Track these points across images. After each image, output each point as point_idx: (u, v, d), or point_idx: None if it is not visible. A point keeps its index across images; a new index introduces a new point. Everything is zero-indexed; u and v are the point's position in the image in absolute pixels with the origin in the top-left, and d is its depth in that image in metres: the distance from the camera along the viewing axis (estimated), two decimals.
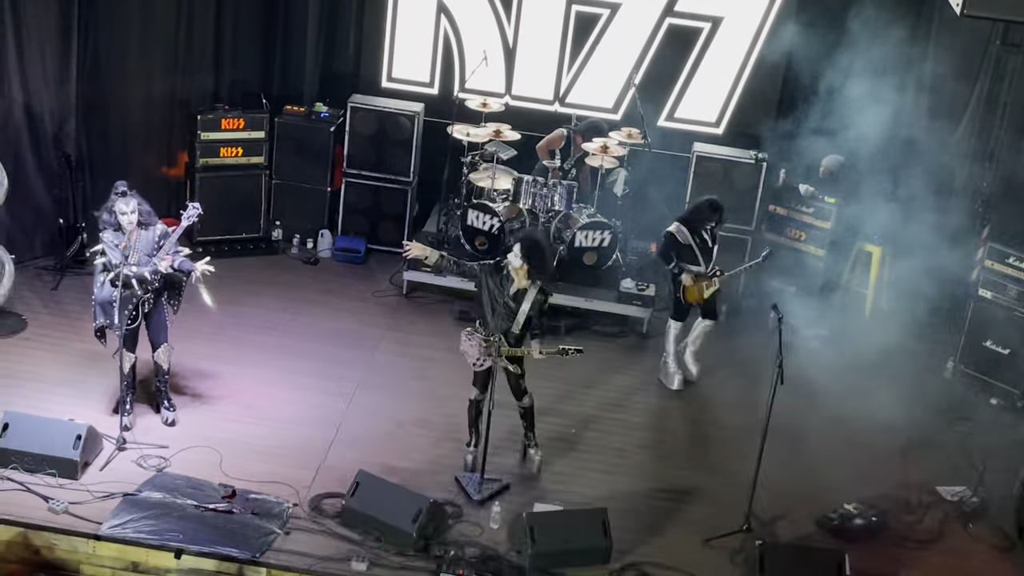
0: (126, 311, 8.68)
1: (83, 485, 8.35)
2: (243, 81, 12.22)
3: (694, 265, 10.23)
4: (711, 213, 10.18)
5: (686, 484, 9.20)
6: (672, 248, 10.23)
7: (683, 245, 10.21)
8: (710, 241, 10.28)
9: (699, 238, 10.22)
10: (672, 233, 10.22)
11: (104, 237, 8.64)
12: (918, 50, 12.14)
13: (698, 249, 10.22)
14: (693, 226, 10.22)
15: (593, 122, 11.79)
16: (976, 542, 8.95)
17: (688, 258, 10.22)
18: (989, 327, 10.96)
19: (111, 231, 8.63)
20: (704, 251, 10.25)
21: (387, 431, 9.42)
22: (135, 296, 8.70)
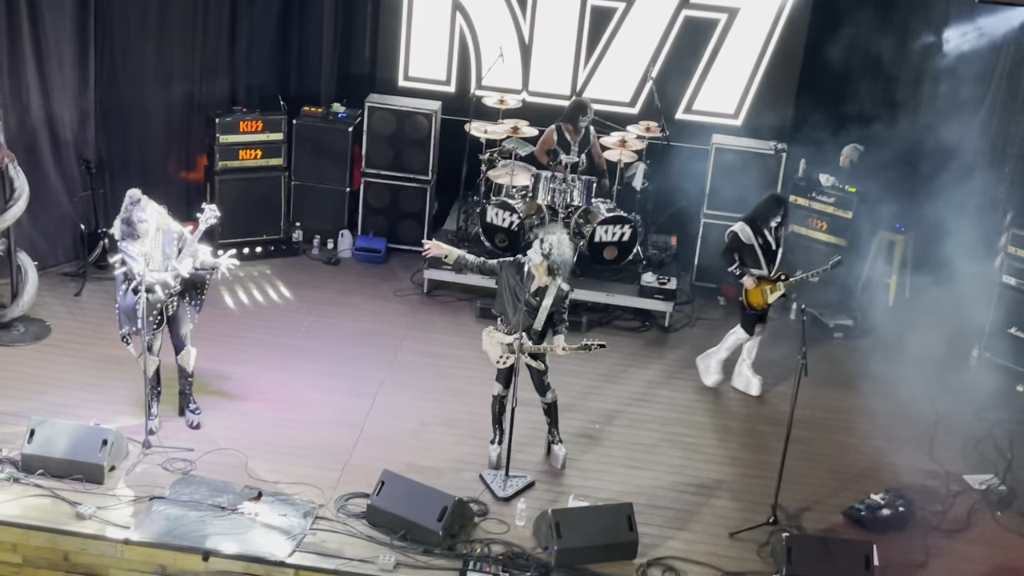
0: (151, 317, 8.71)
1: (110, 490, 8.40)
2: (260, 84, 12.25)
3: (756, 268, 9.94)
4: (776, 208, 9.88)
5: (711, 478, 9.18)
6: (735, 248, 9.99)
7: (745, 245, 9.91)
8: (774, 243, 9.97)
9: (762, 238, 9.92)
10: (736, 232, 9.96)
11: (121, 247, 8.60)
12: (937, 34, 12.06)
13: (760, 250, 9.92)
14: (756, 225, 9.92)
15: (572, 105, 11.68)
16: (1005, 530, 8.89)
17: (750, 260, 9.94)
18: (1013, 314, 10.88)
19: (128, 241, 8.59)
20: (767, 252, 9.94)
21: (411, 430, 9.43)
22: (159, 301, 8.73)
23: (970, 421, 10.18)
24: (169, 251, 8.72)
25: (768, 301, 9.98)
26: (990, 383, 10.76)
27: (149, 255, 8.60)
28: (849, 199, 11.53)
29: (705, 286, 12.00)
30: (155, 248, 8.65)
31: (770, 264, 9.95)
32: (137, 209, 8.54)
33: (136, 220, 8.53)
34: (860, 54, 12.32)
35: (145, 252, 8.57)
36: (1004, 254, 11.06)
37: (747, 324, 10.15)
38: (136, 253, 8.53)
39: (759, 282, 9.92)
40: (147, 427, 8.93)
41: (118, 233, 8.62)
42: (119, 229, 8.61)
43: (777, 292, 9.95)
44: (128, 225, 8.54)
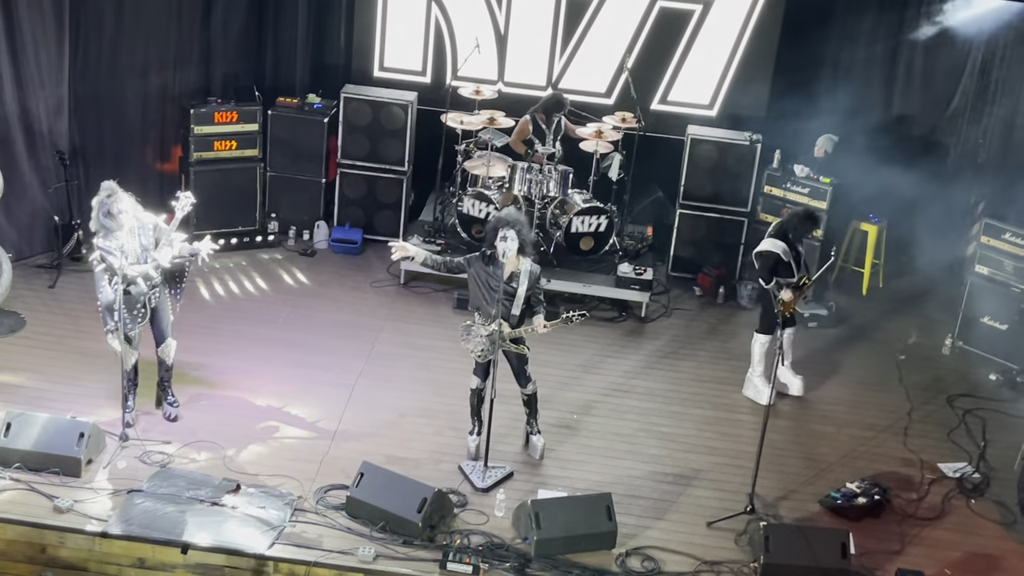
0: (135, 311, 8.68)
1: (87, 483, 8.36)
2: (235, 74, 12.18)
3: (790, 278, 9.75)
4: (812, 227, 9.86)
5: (689, 467, 9.22)
6: (771, 267, 9.75)
7: (783, 262, 9.74)
8: (802, 249, 9.91)
9: (794, 250, 9.79)
10: (770, 251, 9.74)
11: (98, 243, 8.49)
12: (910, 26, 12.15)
13: (794, 262, 9.78)
14: (789, 240, 9.76)
15: (551, 100, 11.67)
16: (979, 518, 8.97)
17: (785, 273, 9.77)
18: (986, 303, 10.98)
19: (102, 236, 8.47)
20: (797, 262, 9.83)
21: (389, 421, 9.43)
22: (142, 294, 8.69)
23: (944, 409, 10.27)
24: (146, 242, 8.65)
25: (796, 305, 9.88)
26: (964, 372, 10.88)
27: (126, 248, 8.54)
28: (823, 189, 11.60)
29: (681, 276, 12.06)
30: (131, 240, 8.58)
31: (799, 271, 9.83)
32: (115, 201, 8.46)
33: (116, 212, 8.43)
34: (835, 45, 12.40)
35: (122, 246, 8.51)
36: (977, 244, 11.15)
37: (769, 325, 9.95)
38: (113, 248, 8.46)
39: (794, 292, 9.70)
40: (124, 420, 8.89)
41: (97, 228, 8.50)
42: (97, 223, 8.48)
43: (803, 297, 9.90)
44: (108, 217, 8.44)
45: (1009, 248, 10.83)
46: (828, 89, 12.51)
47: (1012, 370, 10.76)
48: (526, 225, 8.66)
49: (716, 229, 11.99)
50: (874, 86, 12.46)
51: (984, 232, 11.05)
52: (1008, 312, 10.84)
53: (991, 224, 11.01)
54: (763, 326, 10.05)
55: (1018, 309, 10.74)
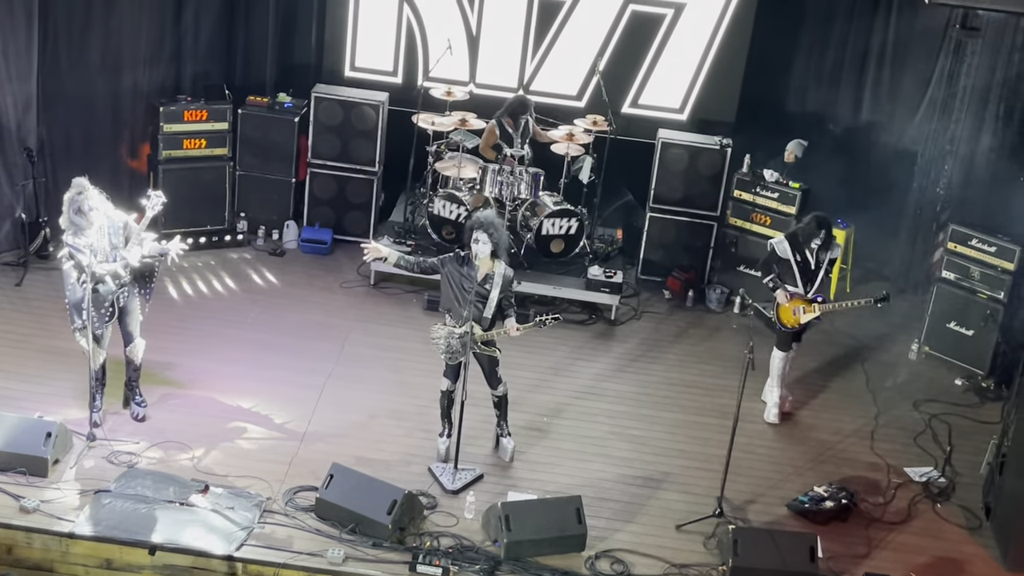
0: (102, 309, 8.61)
1: (54, 483, 8.29)
2: (205, 72, 12.10)
3: (791, 284, 9.70)
4: (816, 229, 9.55)
5: (658, 470, 9.25)
6: (771, 262, 9.76)
7: (782, 260, 9.68)
8: (813, 263, 9.66)
9: (801, 256, 9.64)
10: (775, 250, 9.73)
11: (67, 240, 8.43)
12: (878, 34, 12.25)
13: (798, 268, 9.64)
14: (797, 242, 9.66)
15: (515, 102, 11.67)
16: (944, 522, 9.06)
17: (787, 276, 9.70)
18: (953, 309, 11.08)
19: (71, 233, 8.41)
20: (805, 271, 9.65)
21: (359, 423, 9.40)
22: (110, 292, 8.62)
23: (910, 414, 10.36)
24: (116, 241, 8.58)
25: (800, 321, 9.71)
26: (930, 377, 10.97)
27: (95, 246, 8.47)
28: (793, 194, 11.66)
29: (651, 279, 12.09)
30: (101, 239, 8.51)
31: (807, 283, 9.67)
32: (85, 198, 8.39)
33: (86, 209, 8.37)
34: (804, 51, 12.49)
35: (91, 244, 8.44)
36: (943, 250, 11.24)
37: (781, 341, 9.94)
38: (82, 245, 8.39)
39: (792, 299, 9.69)
40: (91, 419, 8.82)
41: (67, 225, 8.43)
42: (67, 220, 8.42)
43: (811, 313, 9.67)
44: (78, 214, 8.38)
45: (976, 254, 10.92)
46: (798, 94, 12.62)
47: (978, 375, 10.86)
48: (501, 229, 8.65)
49: (686, 233, 12.04)
50: (843, 92, 12.55)
51: (951, 238, 11.14)
52: (974, 318, 10.93)
53: (958, 230, 11.10)
54: (777, 340, 9.99)
55: (984, 315, 10.83)
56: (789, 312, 9.72)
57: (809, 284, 9.68)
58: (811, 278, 9.69)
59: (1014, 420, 9.06)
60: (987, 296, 10.86)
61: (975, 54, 11.46)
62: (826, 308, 9.73)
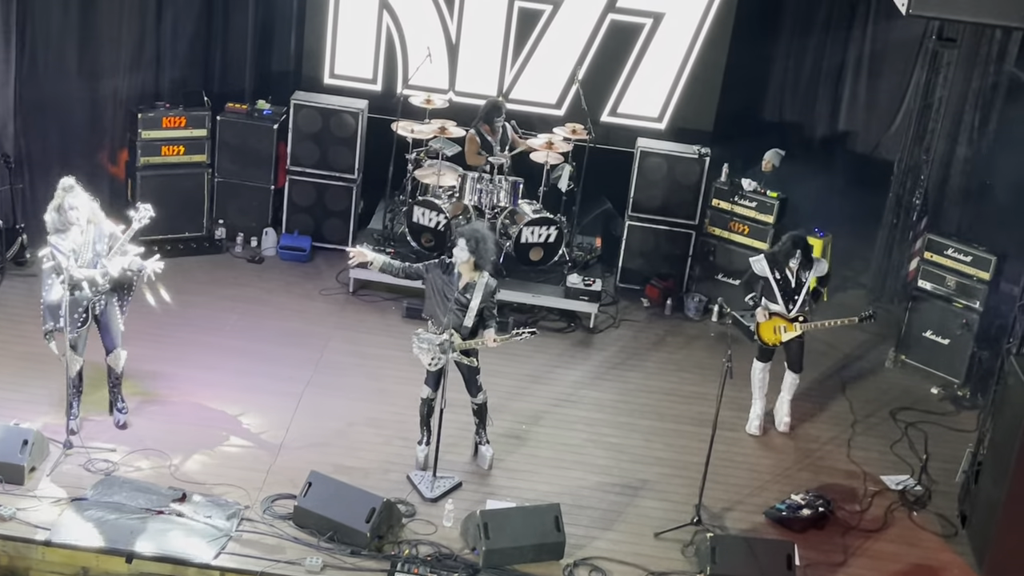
0: (76, 314, 8.57)
1: (30, 490, 8.25)
2: (183, 79, 12.09)
3: (773, 303, 9.69)
4: (792, 248, 9.53)
5: (636, 478, 9.27)
6: (752, 280, 9.80)
7: (760, 278, 9.71)
8: (794, 281, 9.62)
9: (780, 274, 9.63)
10: (752, 268, 9.77)
11: (51, 240, 8.44)
12: (855, 45, 12.34)
13: (777, 286, 9.63)
14: (775, 260, 9.68)
15: (488, 106, 11.71)
16: (920, 530, 9.11)
17: (767, 294, 9.70)
18: (928, 318, 11.14)
19: (56, 234, 8.43)
20: (785, 290, 9.63)
21: (338, 430, 9.39)
22: (86, 298, 8.59)
23: (887, 422, 10.41)
24: (100, 248, 8.57)
25: (780, 339, 9.71)
26: (906, 385, 11.04)
27: (79, 251, 8.45)
28: (770, 203, 11.71)
29: (629, 287, 12.12)
30: (85, 244, 8.50)
31: (788, 301, 9.65)
32: (69, 196, 8.40)
33: (67, 207, 8.37)
34: (782, 62, 12.56)
35: (75, 248, 8.42)
36: (919, 259, 11.31)
37: (760, 352, 9.94)
38: (66, 248, 8.37)
39: (772, 318, 9.68)
40: (68, 427, 8.79)
41: (49, 224, 8.44)
42: (50, 218, 8.43)
43: (791, 332, 9.66)
44: (58, 213, 8.38)
45: (951, 264, 10.99)
46: (775, 104, 12.70)
47: (954, 384, 10.93)
48: (486, 241, 8.63)
49: (664, 241, 12.08)
50: (820, 102, 12.64)
51: (927, 248, 11.21)
52: (950, 327, 11.01)
53: (934, 240, 11.17)
54: (758, 351, 9.99)
55: (960, 324, 10.90)
56: (770, 330, 9.74)
57: (791, 302, 9.66)
58: (792, 296, 9.66)
59: (990, 428, 9.13)
60: (963, 305, 10.92)
61: (951, 65, 11.56)
62: (807, 327, 9.71)
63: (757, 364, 9.99)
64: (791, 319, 9.68)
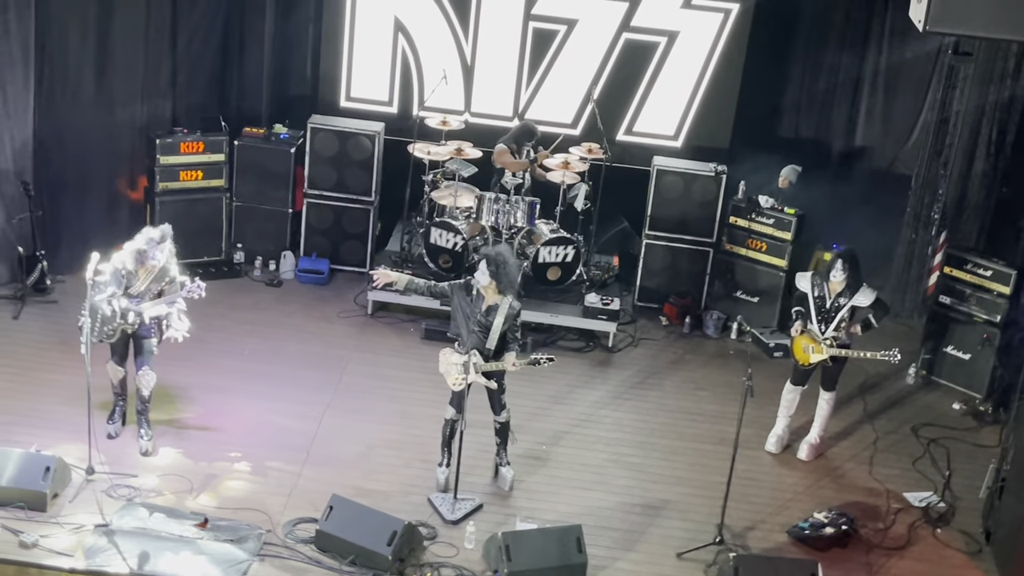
0: (108, 327, 8.82)
1: (53, 517, 8.27)
2: (201, 104, 12.15)
3: (810, 320, 9.57)
4: (831, 261, 9.47)
5: (658, 498, 9.24)
6: (797, 294, 9.73)
7: (799, 293, 9.66)
8: (829, 302, 9.49)
9: (818, 291, 9.54)
10: (798, 285, 9.71)
11: (114, 262, 8.75)
12: (871, 60, 12.32)
13: (813, 304, 9.55)
14: (818, 279, 9.59)
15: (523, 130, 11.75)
16: (944, 547, 9.05)
17: (807, 310, 9.62)
18: (949, 333, 11.10)
19: (122, 262, 8.75)
20: (820, 309, 9.51)
21: (358, 453, 9.39)
22: (113, 322, 8.81)
23: (909, 439, 10.36)
24: (153, 287, 8.86)
25: (809, 359, 9.61)
26: (928, 401, 10.99)
27: (133, 281, 8.78)
28: (788, 220, 11.69)
29: (647, 306, 12.11)
30: (146, 279, 8.82)
31: (822, 323, 9.53)
32: (155, 248, 8.75)
33: (149, 256, 8.75)
34: (797, 77, 12.55)
35: (130, 278, 8.77)
36: (939, 274, 11.28)
37: (794, 374, 9.88)
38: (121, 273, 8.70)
39: (804, 335, 9.59)
40: (108, 431, 9.12)
41: (127, 255, 8.76)
42: (128, 254, 8.76)
43: (819, 354, 9.54)
44: (138, 255, 8.73)
45: (971, 278, 10.96)
46: (791, 121, 12.68)
47: (975, 399, 10.88)
48: (508, 265, 8.64)
49: (682, 259, 12.07)
50: (836, 118, 12.61)
51: (946, 262, 11.18)
52: (971, 341, 10.96)
53: (953, 254, 11.15)
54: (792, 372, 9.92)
55: (980, 339, 10.86)
56: (800, 347, 9.67)
57: (824, 324, 9.54)
58: (826, 318, 9.54)
59: (1013, 443, 9.08)
60: (983, 320, 10.88)
61: (967, 79, 11.54)
62: (835, 352, 9.57)
63: (788, 384, 9.93)
64: (820, 340, 9.59)
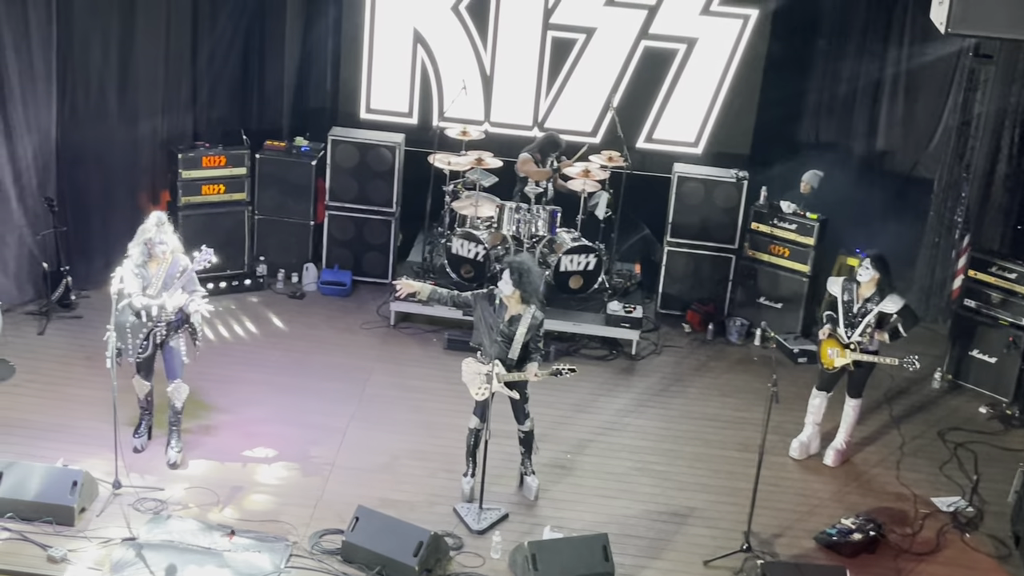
0: (138, 339, 8.83)
1: (80, 531, 8.30)
2: (222, 118, 12.22)
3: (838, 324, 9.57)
4: (862, 261, 9.43)
5: (684, 505, 9.22)
6: (824, 302, 9.75)
7: (829, 296, 9.65)
8: (856, 307, 9.47)
9: (847, 295, 9.53)
10: (830, 278, 9.77)
11: (125, 264, 8.75)
12: (891, 63, 12.29)
13: (841, 308, 9.53)
14: (847, 283, 9.58)
15: (547, 141, 11.75)
16: (973, 552, 8.99)
17: (836, 314, 9.61)
18: (975, 336, 11.05)
19: (133, 261, 8.76)
20: (847, 313, 9.49)
21: (383, 464, 9.40)
22: (144, 325, 8.81)
23: (935, 443, 10.31)
24: (168, 281, 8.82)
25: (833, 363, 9.59)
26: (954, 405, 10.93)
27: (148, 281, 8.75)
28: (810, 225, 11.65)
29: (670, 313, 12.09)
30: (158, 276, 8.80)
31: (848, 327, 9.49)
32: (159, 232, 8.74)
33: (156, 241, 8.72)
34: (817, 82, 12.53)
35: (145, 276, 8.74)
36: (963, 277, 11.22)
37: (819, 379, 9.86)
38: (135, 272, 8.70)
39: (831, 339, 9.56)
40: (134, 445, 9.14)
41: (134, 254, 8.77)
42: (136, 251, 8.76)
43: (843, 359, 9.50)
44: (146, 246, 8.74)
45: (996, 281, 10.90)
46: (812, 125, 12.66)
47: (1002, 403, 10.82)
48: (531, 275, 8.62)
49: (704, 266, 12.05)
50: (857, 122, 12.58)
51: (970, 265, 11.13)
52: (996, 345, 10.91)
53: (977, 257, 11.09)
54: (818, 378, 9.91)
55: (1006, 342, 10.80)
56: (825, 351, 9.65)
57: (850, 328, 9.50)
58: (852, 323, 9.50)
59: None
60: (1009, 322, 10.82)
61: (988, 81, 11.50)
62: (858, 357, 9.52)
63: (814, 389, 9.90)
64: (845, 345, 9.57)
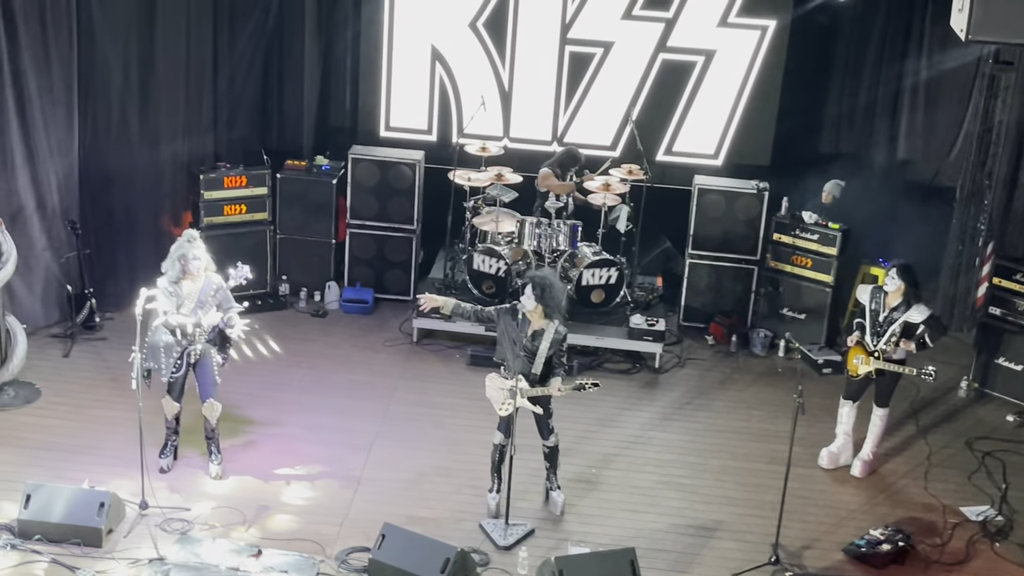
0: (172, 358, 8.86)
1: (108, 553, 8.32)
2: (243, 139, 12.27)
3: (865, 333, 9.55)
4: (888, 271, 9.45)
5: (711, 519, 9.18)
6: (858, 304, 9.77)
7: (859, 304, 9.68)
8: (882, 316, 9.46)
9: (875, 304, 9.50)
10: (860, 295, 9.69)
11: (160, 283, 8.81)
12: (910, 72, 12.26)
13: (868, 316, 9.53)
14: (877, 289, 9.57)
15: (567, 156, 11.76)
16: (1004, 561, 8.92)
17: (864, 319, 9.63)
18: (1001, 344, 10.99)
19: (167, 279, 8.81)
20: (874, 322, 9.48)
21: (408, 481, 9.40)
22: (179, 344, 8.83)
23: (963, 453, 10.24)
24: (203, 298, 8.87)
25: (857, 371, 9.58)
26: (981, 414, 10.86)
27: (183, 299, 8.81)
28: (833, 235, 11.61)
29: (693, 326, 12.06)
30: (191, 294, 8.85)
31: (873, 335, 9.48)
32: (192, 248, 8.80)
33: (191, 257, 8.78)
34: (836, 92, 12.50)
35: (179, 294, 8.79)
36: (987, 285, 11.16)
37: (846, 388, 9.87)
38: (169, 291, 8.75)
39: (857, 346, 9.54)
40: (160, 465, 9.16)
41: (169, 272, 8.83)
42: (172, 269, 8.82)
43: (867, 367, 9.51)
44: (180, 262, 8.78)
45: (1020, 288, 10.84)
46: (832, 135, 12.62)
47: None
48: (554, 289, 8.62)
49: (726, 278, 12.02)
50: (877, 131, 12.55)
51: (995, 273, 11.07)
52: (1022, 352, 10.83)
53: (1001, 265, 11.04)
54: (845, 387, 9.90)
55: None
56: (851, 358, 9.62)
57: (875, 337, 9.48)
58: (877, 331, 9.48)
59: None
60: None
61: (1009, 88, 11.45)
62: (880, 365, 9.49)
63: (841, 399, 9.88)
64: (870, 352, 9.52)
